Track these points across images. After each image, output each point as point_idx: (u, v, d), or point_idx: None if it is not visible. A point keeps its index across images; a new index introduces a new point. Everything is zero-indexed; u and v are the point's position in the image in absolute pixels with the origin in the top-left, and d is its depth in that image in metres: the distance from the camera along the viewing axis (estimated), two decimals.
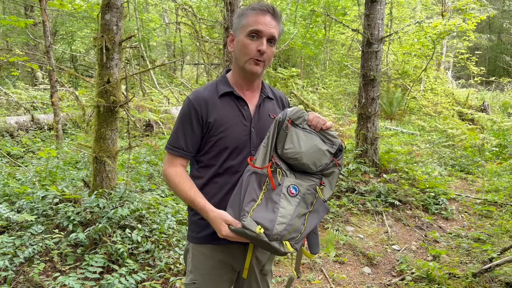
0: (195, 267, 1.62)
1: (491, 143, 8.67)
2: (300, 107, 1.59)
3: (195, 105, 1.54)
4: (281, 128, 1.52)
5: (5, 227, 3.21)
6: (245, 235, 1.42)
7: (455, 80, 19.31)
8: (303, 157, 1.51)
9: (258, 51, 1.49)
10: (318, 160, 1.53)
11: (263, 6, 1.50)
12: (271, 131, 1.52)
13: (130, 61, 12.14)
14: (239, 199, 1.46)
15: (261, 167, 1.48)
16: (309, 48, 13.91)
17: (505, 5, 25.49)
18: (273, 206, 1.45)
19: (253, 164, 1.48)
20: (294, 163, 1.53)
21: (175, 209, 3.83)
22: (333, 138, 1.56)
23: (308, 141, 1.52)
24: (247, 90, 1.62)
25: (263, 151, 1.51)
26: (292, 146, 1.51)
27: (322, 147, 1.53)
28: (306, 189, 1.52)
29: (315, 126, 1.54)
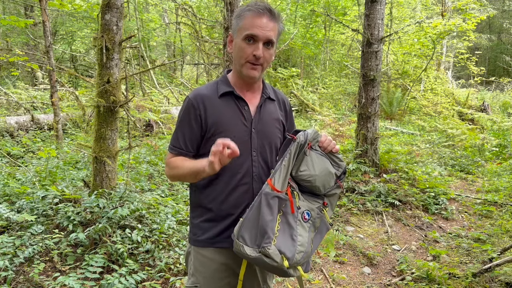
0: (197, 270, 1.61)
1: (491, 143, 8.67)
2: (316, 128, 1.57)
3: (194, 104, 1.53)
4: (302, 151, 1.50)
5: (5, 227, 3.21)
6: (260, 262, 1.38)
7: (455, 80, 19.31)
8: (317, 180, 1.52)
9: (254, 55, 1.47)
10: (327, 183, 1.55)
11: (259, 8, 1.46)
12: (292, 153, 1.48)
13: (130, 61, 12.15)
14: (257, 222, 1.40)
15: (282, 191, 1.45)
16: (309, 48, 13.92)
17: (505, 5, 25.49)
18: (290, 233, 1.44)
19: (275, 187, 1.43)
20: (306, 185, 1.53)
21: (175, 209, 3.83)
22: (340, 162, 1.59)
23: (321, 164, 1.53)
24: (248, 90, 1.60)
25: (283, 172, 1.46)
26: (307, 168, 1.50)
27: (331, 170, 1.56)
28: (317, 213, 1.54)
29: (325, 148, 1.55)
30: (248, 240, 1.40)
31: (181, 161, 1.53)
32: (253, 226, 1.41)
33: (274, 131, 1.64)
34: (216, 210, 1.56)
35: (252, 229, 1.41)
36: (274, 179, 1.45)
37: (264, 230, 1.39)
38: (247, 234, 1.41)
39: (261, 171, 1.59)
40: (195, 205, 1.63)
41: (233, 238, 1.44)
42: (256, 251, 1.38)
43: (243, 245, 1.40)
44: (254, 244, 1.39)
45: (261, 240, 1.38)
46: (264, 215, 1.40)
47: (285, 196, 1.45)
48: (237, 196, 1.55)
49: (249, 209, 1.45)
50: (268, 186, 1.45)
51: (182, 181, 1.60)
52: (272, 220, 1.40)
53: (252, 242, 1.39)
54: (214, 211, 1.57)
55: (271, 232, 1.39)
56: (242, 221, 1.43)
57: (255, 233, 1.40)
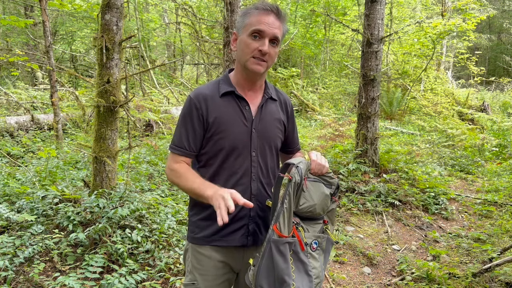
0: (194, 268, 1.62)
1: (491, 143, 8.67)
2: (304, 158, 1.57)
3: (196, 103, 1.53)
4: (300, 188, 1.49)
5: (5, 227, 3.21)
6: None
7: (455, 80, 19.31)
8: (317, 208, 1.52)
9: (260, 51, 1.46)
10: (325, 205, 1.56)
11: (267, 6, 1.47)
12: (291, 194, 1.46)
13: (130, 61, 12.15)
14: (273, 270, 1.43)
15: (289, 235, 1.45)
16: (309, 48, 13.92)
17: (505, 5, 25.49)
18: (305, 269, 1.47)
19: (282, 234, 1.43)
20: (307, 216, 1.53)
21: (175, 209, 3.83)
22: (332, 180, 1.59)
23: (317, 191, 1.53)
24: (249, 90, 1.59)
25: (286, 215, 1.45)
26: (306, 201, 1.50)
27: (326, 192, 1.56)
28: (322, 238, 1.56)
29: (316, 174, 1.56)
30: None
31: (185, 172, 1.52)
32: (269, 274, 1.43)
33: (274, 132, 1.63)
34: (213, 209, 1.56)
35: (269, 277, 1.43)
36: (279, 225, 1.44)
37: (282, 278, 1.41)
38: (265, 283, 1.43)
39: (260, 172, 1.59)
40: (193, 203, 1.63)
41: (250, 286, 1.47)
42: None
43: None
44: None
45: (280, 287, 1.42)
46: (279, 264, 1.42)
47: (293, 239, 1.46)
48: None
49: (260, 257, 1.45)
50: (275, 233, 1.44)
51: (180, 190, 1.61)
52: (287, 267, 1.43)
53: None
54: (212, 209, 1.56)
55: (289, 279, 1.41)
56: (256, 270, 1.44)
57: (273, 281, 1.43)
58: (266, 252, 1.44)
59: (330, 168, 1.61)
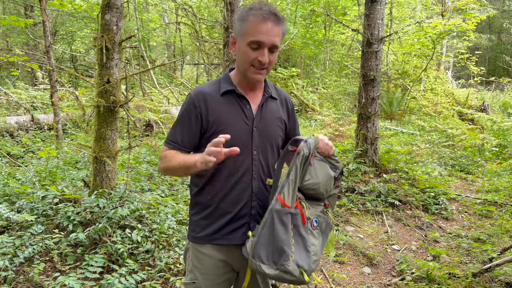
0: (195, 267, 1.63)
1: (491, 143, 8.67)
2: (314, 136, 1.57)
3: (195, 101, 1.54)
4: (307, 163, 1.50)
5: (5, 227, 3.21)
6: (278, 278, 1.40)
7: (455, 80, 19.31)
8: (320, 186, 1.53)
9: (259, 61, 1.46)
10: (329, 187, 1.57)
11: (264, 12, 1.44)
12: (298, 166, 1.47)
13: (130, 61, 12.14)
14: (272, 240, 1.41)
15: (293, 206, 1.45)
16: (309, 48, 13.92)
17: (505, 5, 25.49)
18: (304, 244, 1.46)
19: (286, 203, 1.43)
20: (311, 193, 1.53)
21: (175, 209, 3.83)
22: (337, 163, 1.61)
23: (322, 170, 1.54)
24: (250, 90, 1.61)
25: (291, 187, 1.46)
26: (311, 177, 1.51)
27: (331, 173, 1.58)
28: (323, 218, 1.56)
29: (323, 153, 1.57)
30: (265, 259, 1.41)
31: (174, 154, 1.53)
32: (268, 244, 1.41)
33: (275, 130, 1.64)
34: (215, 207, 1.57)
35: (268, 247, 1.41)
36: (283, 195, 1.44)
37: (282, 248, 1.40)
38: (263, 253, 1.41)
39: (261, 170, 1.59)
40: (194, 202, 1.64)
41: (246, 256, 1.44)
42: (274, 268, 1.39)
43: (260, 264, 1.40)
44: (271, 262, 1.40)
45: (279, 258, 1.40)
46: (280, 234, 1.40)
47: (296, 211, 1.46)
48: (236, 194, 1.55)
49: (261, 227, 1.44)
50: (278, 202, 1.43)
51: (173, 174, 1.61)
52: (288, 238, 1.41)
53: (269, 260, 1.40)
54: (213, 208, 1.58)
55: (288, 250, 1.40)
56: (256, 240, 1.43)
57: (271, 251, 1.41)
58: (268, 221, 1.43)
59: None
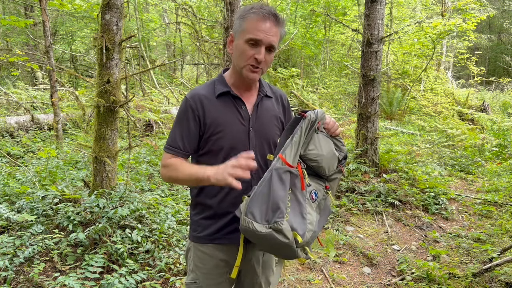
0: (196, 266, 1.63)
1: (491, 143, 8.67)
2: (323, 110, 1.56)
3: (192, 104, 1.54)
4: (312, 129, 1.47)
5: (5, 227, 3.21)
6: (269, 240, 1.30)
7: (455, 80, 19.31)
8: (323, 160, 1.50)
9: (255, 59, 1.46)
10: (332, 165, 1.54)
11: (264, 12, 1.46)
12: (303, 129, 1.43)
13: (130, 61, 12.14)
14: (268, 198, 1.34)
15: (294, 166, 1.40)
16: (309, 48, 13.91)
17: (505, 5, 25.49)
18: (300, 210, 1.39)
19: (287, 161, 1.38)
20: (313, 165, 1.50)
21: (175, 209, 3.83)
22: (342, 146, 1.60)
23: (327, 145, 1.53)
24: (245, 90, 1.61)
25: (294, 148, 1.42)
26: (315, 147, 1.48)
27: (335, 152, 1.56)
28: (322, 194, 1.52)
29: (329, 131, 1.56)
30: (257, 216, 1.32)
31: (180, 163, 1.52)
32: (263, 202, 1.34)
33: (272, 129, 1.64)
34: (216, 207, 1.57)
35: (262, 204, 1.34)
36: (285, 154, 1.41)
37: (277, 205, 1.32)
38: (256, 210, 1.33)
39: (260, 170, 1.59)
40: (195, 202, 1.65)
41: (239, 215, 1.37)
42: (266, 227, 1.31)
43: (252, 221, 1.31)
44: (264, 220, 1.31)
45: (273, 216, 1.31)
46: (277, 190, 1.34)
47: (296, 171, 1.42)
48: (236, 195, 1.55)
49: (258, 185, 1.39)
50: (280, 160, 1.39)
51: (177, 184, 1.59)
52: (284, 195, 1.35)
53: (262, 218, 1.32)
54: (214, 208, 1.58)
55: (284, 207, 1.32)
56: (250, 198, 1.36)
57: (265, 209, 1.32)
58: (266, 179, 1.37)
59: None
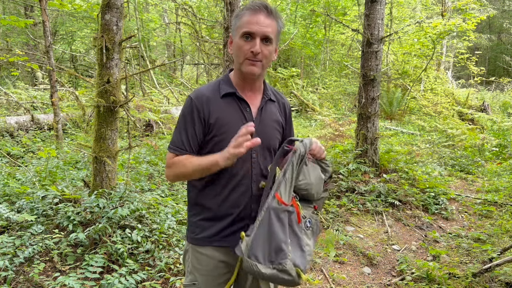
0: (195, 268, 1.62)
1: (491, 143, 8.67)
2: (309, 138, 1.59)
3: (197, 104, 1.52)
4: (303, 162, 1.50)
5: (5, 227, 3.21)
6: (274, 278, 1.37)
7: (455, 80, 19.31)
8: (313, 188, 1.53)
9: (252, 52, 1.46)
10: (319, 189, 1.57)
11: (256, 5, 1.47)
12: (294, 164, 1.47)
13: (130, 61, 12.15)
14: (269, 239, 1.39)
15: (289, 204, 1.45)
16: (309, 48, 13.92)
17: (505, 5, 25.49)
18: (299, 243, 1.44)
19: (283, 201, 1.42)
20: (303, 194, 1.53)
21: (175, 209, 3.83)
22: (327, 167, 1.61)
23: (314, 172, 1.55)
24: (249, 91, 1.60)
25: (288, 185, 1.45)
26: (304, 177, 1.51)
27: (322, 176, 1.58)
28: (315, 220, 1.56)
29: (315, 156, 1.57)
30: (261, 258, 1.38)
31: (187, 158, 1.52)
32: (265, 243, 1.39)
33: (273, 133, 1.64)
34: (215, 209, 1.57)
35: (264, 245, 1.39)
36: (280, 192, 1.43)
37: (279, 247, 1.37)
38: (259, 252, 1.38)
39: (260, 173, 1.59)
40: (193, 203, 1.63)
41: (240, 255, 1.42)
42: (270, 267, 1.36)
43: (256, 263, 1.37)
44: (268, 262, 1.37)
45: (276, 257, 1.37)
46: (277, 232, 1.39)
47: (292, 209, 1.45)
48: (236, 197, 1.55)
49: (256, 226, 1.42)
50: (276, 200, 1.42)
51: (185, 179, 1.59)
52: (285, 236, 1.40)
53: (266, 259, 1.38)
54: (213, 210, 1.57)
55: (286, 249, 1.38)
56: (252, 239, 1.40)
57: (268, 250, 1.38)
58: (264, 219, 1.41)
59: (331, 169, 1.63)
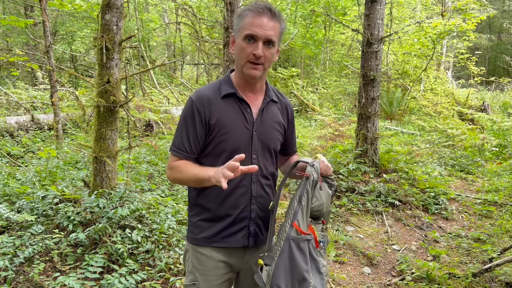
0: (195, 268, 1.62)
1: (491, 143, 8.67)
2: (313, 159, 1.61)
3: (198, 106, 1.52)
4: (316, 187, 1.52)
5: (5, 227, 3.21)
6: None
7: (455, 80, 19.30)
8: (324, 207, 1.55)
9: (254, 55, 1.46)
10: (328, 206, 1.60)
11: (259, 7, 1.46)
12: (309, 191, 1.48)
13: (130, 61, 12.14)
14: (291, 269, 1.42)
15: (307, 232, 1.47)
16: (309, 48, 13.91)
17: (505, 5, 25.50)
18: (317, 266, 1.47)
19: (302, 230, 1.45)
20: (316, 214, 1.55)
21: (175, 209, 3.83)
22: (333, 182, 1.64)
23: (324, 191, 1.57)
24: (250, 92, 1.59)
25: (305, 212, 1.47)
26: (316, 200, 1.53)
27: (330, 192, 1.61)
28: (325, 238, 1.59)
29: (322, 174, 1.59)
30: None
31: (185, 165, 1.53)
32: (287, 273, 1.42)
33: (274, 135, 1.64)
34: (215, 210, 1.57)
35: (287, 275, 1.42)
36: (298, 222, 1.45)
37: (303, 277, 1.40)
38: (282, 282, 1.40)
39: (260, 173, 1.59)
40: (193, 203, 1.63)
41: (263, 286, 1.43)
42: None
43: None
44: None
45: (300, 287, 1.40)
46: (299, 262, 1.42)
47: (311, 236, 1.48)
48: (236, 198, 1.55)
49: (277, 256, 1.43)
50: (294, 229, 1.44)
51: (184, 184, 1.60)
52: (307, 265, 1.43)
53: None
54: (213, 211, 1.57)
55: (309, 277, 1.41)
56: (274, 269, 1.42)
57: (291, 280, 1.41)
58: (285, 250, 1.43)
59: None
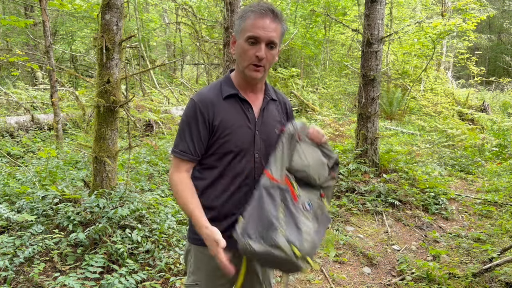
0: (197, 268, 1.62)
1: (491, 143, 8.67)
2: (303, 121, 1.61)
3: (201, 107, 1.52)
4: (293, 140, 1.52)
5: (5, 227, 3.21)
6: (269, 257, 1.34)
7: (455, 80, 19.31)
8: (311, 169, 1.53)
9: (256, 57, 1.46)
10: (321, 173, 1.57)
11: (262, 9, 1.46)
12: (285, 143, 1.50)
13: (130, 61, 12.14)
14: (261, 216, 1.39)
15: (281, 181, 1.45)
16: (309, 48, 13.91)
17: (505, 5, 25.50)
18: (295, 221, 1.40)
19: (274, 178, 1.43)
20: (302, 176, 1.53)
21: (175, 209, 3.83)
22: (330, 152, 1.62)
23: (313, 154, 1.56)
24: (251, 92, 1.60)
25: (279, 163, 1.47)
26: (299, 158, 1.52)
27: (323, 160, 1.58)
28: (317, 204, 1.54)
29: (314, 140, 1.58)
30: (253, 235, 1.36)
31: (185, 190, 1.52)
32: (257, 220, 1.38)
33: (275, 133, 1.65)
34: (218, 210, 1.57)
35: (256, 222, 1.38)
36: (270, 170, 1.46)
37: (270, 221, 1.36)
38: (251, 229, 1.37)
39: None
40: None
41: (237, 238, 1.41)
42: (262, 244, 1.33)
43: (249, 240, 1.36)
44: (261, 238, 1.35)
45: (268, 233, 1.34)
46: (268, 207, 1.38)
47: (285, 186, 1.45)
48: (239, 197, 1.55)
49: (249, 206, 1.44)
50: (266, 177, 1.45)
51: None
52: (275, 210, 1.38)
53: (257, 236, 1.36)
54: (216, 210, 1.57)
55: (277, 223, 1.36)
56: (246, 219, 1.42)
57: (261, 227, 1.37)
58: (256, 198, 1.43)
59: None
